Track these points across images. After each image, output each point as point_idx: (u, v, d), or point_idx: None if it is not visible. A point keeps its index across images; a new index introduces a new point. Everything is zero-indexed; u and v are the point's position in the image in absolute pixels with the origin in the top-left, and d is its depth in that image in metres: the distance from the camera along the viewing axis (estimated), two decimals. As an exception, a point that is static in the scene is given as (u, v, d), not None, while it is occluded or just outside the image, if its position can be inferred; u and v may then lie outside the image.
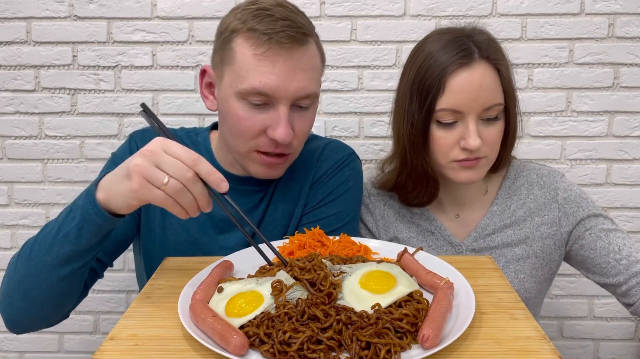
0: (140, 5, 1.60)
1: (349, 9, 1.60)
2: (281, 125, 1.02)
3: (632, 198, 1.67)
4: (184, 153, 0.81)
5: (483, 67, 1.10)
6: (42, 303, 0.97)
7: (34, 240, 0.98)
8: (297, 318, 0.71)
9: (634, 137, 1.64)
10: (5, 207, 1.72)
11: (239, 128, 1.05)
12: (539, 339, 0.72)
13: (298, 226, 1.19)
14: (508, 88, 1.13)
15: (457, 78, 1.10)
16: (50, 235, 0.93)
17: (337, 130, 1.66)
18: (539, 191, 1.23)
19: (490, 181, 1.27)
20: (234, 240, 1.15)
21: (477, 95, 1.09)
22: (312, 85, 1.05)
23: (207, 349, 0.68)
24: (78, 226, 0.89)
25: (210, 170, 0.82)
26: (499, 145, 1.16)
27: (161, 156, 0.81)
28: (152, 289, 0.89)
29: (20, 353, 1.81)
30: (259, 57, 1.00)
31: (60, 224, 0.92)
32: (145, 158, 0.81)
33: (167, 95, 1.65)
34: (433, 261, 0.91)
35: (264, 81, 1.00)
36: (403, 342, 0.69)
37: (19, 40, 1.62)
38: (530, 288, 1.22)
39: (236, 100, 1.03)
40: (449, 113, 1.11)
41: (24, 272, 0.95)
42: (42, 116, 1.67)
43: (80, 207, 0.90)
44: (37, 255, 0.94)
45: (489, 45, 1.13)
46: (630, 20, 1.58)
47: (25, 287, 0.95)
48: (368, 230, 1.31)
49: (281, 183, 1.20)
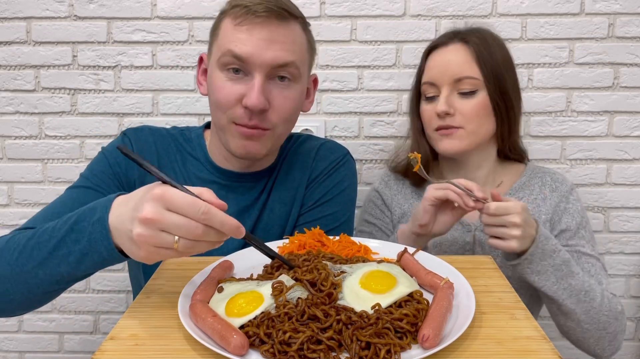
0: (140, 5, 1.60)
1: (349, 9, 1.60)
2: (253, 91, 1.04)
3: (632, 198, 1.67)
4: (190, 208, 0.71)
5: (457, 46, 1.26)
6: (19, 303, 0.92)
7: (22, 243, 0.89)
8: (297, 318, 0.71)
9: (634, 137, 1.64)
10: (5, 207, 1.72)
11: (217, 98, 1.08)
12: (539, 339, 0.72)
13: (295, 226, 1.20)
14: (487, 67, 1.23)
15: (433, 55, 1.30)
16: (46, 248, 0.85)
17: (337, 130, 1.66)
18: (550, 193, 1.32)
19: (505, 174, 1.36)
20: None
21: (446, 67, 1.25)
22: (289, 55, 1.06)
23: (207, 349, 0.68)
24: (82, 252, 0.82)
25: (223, 220, 0.72)
26: (480, 119, 1.25)
27: (165, 219, 0.71)
28: (152, 289, 0.89)
29: (20, 353, 1.81)
30: (237, 27, 1.05)
31: (60, 240, 0.84)
32: (148, 227, 0.72)
33: (167, 95, 1.65)
34: (433, 261, 0.91)
35: (239, 45, 1.04)
36: (403, 342, 0.69)
37: (19, 40, 1.62)
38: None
39: (218, 71, 1.08)
40: (428, 86, 1.29)
41: (7, 274, 0.89)
42: (42, 116, 1.67)
43: (88, 234, 0.81)
44: (26, 263, 0.87)
45: (471, 32, 1.27)
46: (630, 20, 1.58)
47: (4, 288, 0.90)
48: (383, 201, 1.42)
49: (277, 183, 1.20)
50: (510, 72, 1.28)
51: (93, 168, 1.16)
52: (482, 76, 1.24)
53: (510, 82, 1.27)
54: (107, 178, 1.13)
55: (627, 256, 1.70)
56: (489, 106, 1.25)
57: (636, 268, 1.73)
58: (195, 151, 1.21)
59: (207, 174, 1.18)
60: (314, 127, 1.63)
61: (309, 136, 1.31)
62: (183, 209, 0.71)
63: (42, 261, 0.85)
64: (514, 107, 1.28)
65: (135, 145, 1.19)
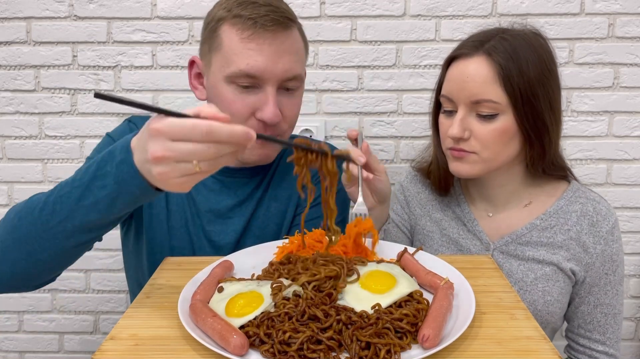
0: (140, 5, 1.60)
1: (349, 9, 1.60)
2: (269, 106, 1.05)
3: (632, 198, 1.67)
4: (192, 133, 0.70)
5: (480, 60, 1.08)
6: (46, 263, 0.89)
7: (42, 201, 0.87)
8: (297, 318, 0.71)
9: (634, 137, 1.64)
10: (5, 207, 1.72)
11: (229, 112, 1.05)
12: (539, 339, 0.72)
13: (292, 225, 1.21)
14: (514, 87, 1.05)
15: (453, 67, 1.13)
16: (69, 200, 0.83)
17: (337, 130, 1.66)
18: (588, 227, 1.16)
19: (538, 194, 1.21)
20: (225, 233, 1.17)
21: (463, 85, 1.08)
22: (297, 67, 1.08)
23: (207, 349, 0.68)
24: (111, 196, 0.80)
25: (229, 131, 0.71)
26: (497, 146, 1.10)
27: (175, 151, 0.70)
28: (152, 289, 0.89)
29: (20, 353, 1.81)
30: (245, 41, 1.03)
31: (85, 188, 0.82)
32: (163, 164, 0.71)
33: (167, 95, 1.65)
34: (433, 261, 0.91)
35: (251, 63, 1.03)
36: (403, 342, 0.69)
37: (19, 40, 1.62)
38: (553, 312, 1.16)
39: (225, 84, 1.06)
40: (445, 100, 1.14)
41: (32, 234, 0.86)
42: (42, 116, 1.67)
43: (114, 176, 0.79)
44: (52, 219, 0.84)
45: (500, 43, 1.08)
46: (630, 20, 1.58)
47: (30, 248, 0.87)
48: (405, 197, 1.35)
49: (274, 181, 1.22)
50: (546, 88, 1.09)
51: (100, 151, 1.16)
52: (507, 98, 1.06)
53: (545, 101, 1.08)
54: None
55: (627, 256, 1.70)
56: (511, 130, 1.09)
57: (636, 268, 1.73)
58: None
59: None
60: (314, 127, 1.63)
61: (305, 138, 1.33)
62: (186, 135, 0.70)
63: (69, 214, 0.83)
64: (548, 128, 1.10)
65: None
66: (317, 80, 1.62)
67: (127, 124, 1.22)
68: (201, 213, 1.17)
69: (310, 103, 1.64)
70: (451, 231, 1.25)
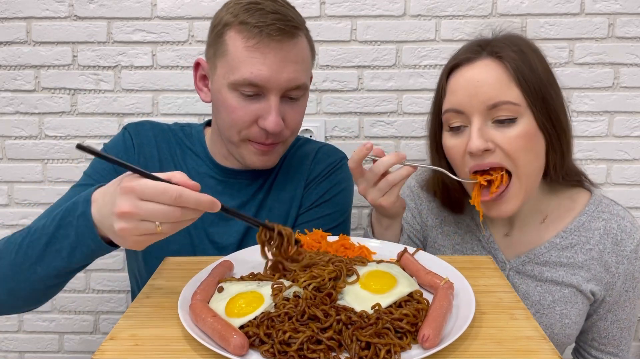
0: (140, 5, 1.60)
1: (349, 9, 1.60)
2: (271, 115, 1.05)
3: (632, 198, 1.67)
4: (162, 195, 0.73)
5: (487, 63, 1.01)
6: (26, 299, 0.97)
7: (17, 242, 0.92)
8: (297, 318, 0.71)
9: (634, 137, 1.64)
10: (5, 207, 1.72)
11: (231, 119, 1.08)
12: (539, 339, 0.72)
13: (294, 226, 1.21)
14: (530, 86, 0.99)
15: (457, 76, 1.04)
16: (38, 245, 0.89)
17: (337, 130, 1.66)
18: (611, 246, 1.09)
19: (556, 207, 1.13)
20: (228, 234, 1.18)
21: (475, 91, 0.99)
22: (302, 76, 1.08)
23: (207, 349, 0.68)
24: (72, 246, 0.85)
25: (197, 199, 0.75)
26: (527, 153, 1.00)
27: (142, 210, 0.73)
28: (152, 289, 0.89)
29: (20, 353, 1.81)
30: (250, 49, 1.03)
31: (51, 236, 0.87)
32: (127, 220, 0.74)
33: (167, 95, 1.65)
34: (433, 261, 0.91)
35: (255, 72, 1.03)
36: (403, 342, 0.69)
37: (19, 40, 1.62)
38: (570, 334, 1.11)
39: (229, 91, 1.06)
40: (452, 114, 1.03)
41: (9, 274, 0.92)
42: (42, 116, 1.67)
43: (75, 228, 0.84)
44: (24, 261, 0.90)
45: (502, 42, 1.03)
46: (630, 20, 1.58)
47: (10, 286, 0.93)
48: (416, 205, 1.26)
49: (276, 183, 1.22)
50: (555, 87, 1.03)
51: (95, 165, 1.18)
52: (525, 99, 0.99)
53: (557, 99, 1.03)
54: (108, 175, 1.14)
55: (627, 256, 1.71)
56: (534, 133, 1.00)
57: (636, 268, 1.73)
58: (195, 146, 1.23)
59: (205, 169, 1.20)
60: (314, 127, 1.63)
61: (307, 139, 1.35)
62: (156, 197, 0.73)
63: (38, 258, 0.89)
64: (565, 129, 1.04)
65: (135, 138, 1.21)
66: (317, 80, 1.62)
67: (122, 133, 1.23)
68: (203, 215, 1.17)
69: (310, 103, 1.63)
70: (464, 247, 1.19)
